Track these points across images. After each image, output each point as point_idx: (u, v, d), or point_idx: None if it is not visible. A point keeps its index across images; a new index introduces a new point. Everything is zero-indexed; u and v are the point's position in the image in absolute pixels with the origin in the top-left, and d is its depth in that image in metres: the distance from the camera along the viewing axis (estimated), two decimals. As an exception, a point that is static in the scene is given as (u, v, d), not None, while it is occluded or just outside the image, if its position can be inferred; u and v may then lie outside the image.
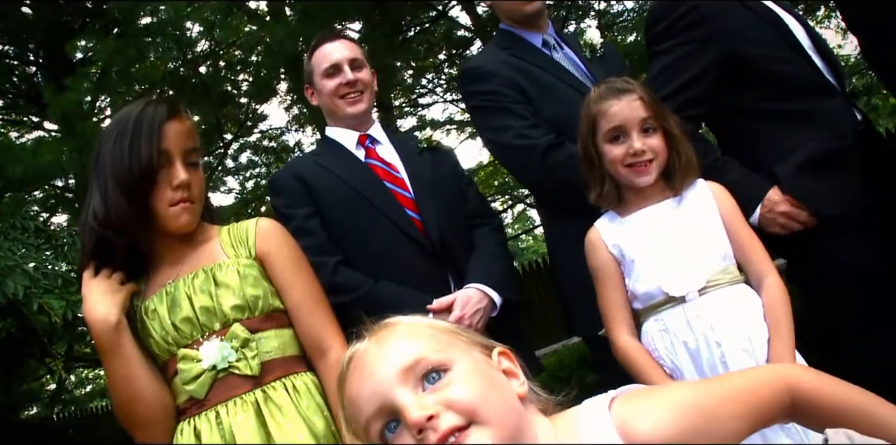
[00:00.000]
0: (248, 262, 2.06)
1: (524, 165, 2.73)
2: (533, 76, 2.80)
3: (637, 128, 2.20)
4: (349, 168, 2.75)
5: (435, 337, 1.21)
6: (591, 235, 2.27)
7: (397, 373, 1.14)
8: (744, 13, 2.55)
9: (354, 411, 1.19)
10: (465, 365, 1.17)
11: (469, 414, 1.10)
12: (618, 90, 2.24)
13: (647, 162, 2.19)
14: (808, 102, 2.48)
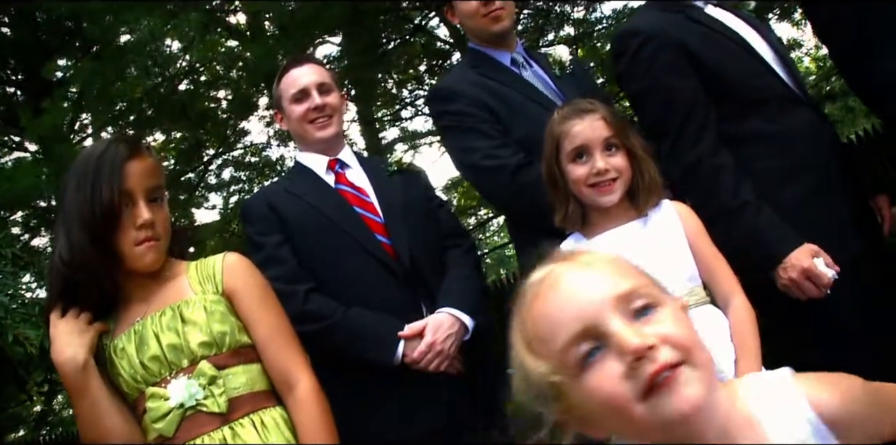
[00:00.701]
0: (215, 298, 2.06)
1: (494, 186, 2.74)
2: (501, 95, 2.81)
3: (600, 148, 2.21)
4: (319, 194, 2.75)
5: (640, 274, 1.18)
6: None
7: (611, 299, 1.10)
8: (699, 30, 2.56)
9: (547, 330, 1.13)
10: (673, 306, 1.15)
11: (684, 353, 1.07)
12: (581, 110, 2.25)
13: (610, 181, 2.20)
14: (778, 116, 2.49)
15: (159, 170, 2.11)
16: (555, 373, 1.12)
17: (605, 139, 2.21)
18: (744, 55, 2.55)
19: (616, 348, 1.07)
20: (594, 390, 1.08)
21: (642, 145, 2.27)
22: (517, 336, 1.19)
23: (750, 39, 2.61)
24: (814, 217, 2.38)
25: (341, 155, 2.89)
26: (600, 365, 1.08)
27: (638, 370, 1.05)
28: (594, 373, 1.09)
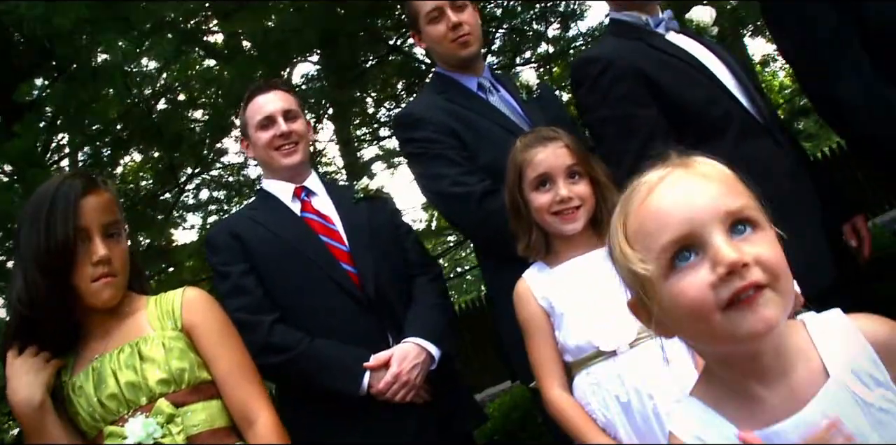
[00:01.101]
0: (175, 334, 2.04)
1: (460, 213, 2.73)
2: (468, 121, 2.80)
3: (563, 176, 2.21)
4: (284, 222, 2.73)
5: (747, 193, 1.22)
6: (520, 287, 2.26)
7: (721, 212, 1.14)
8: (658, 57, 2.57)
9: (652, 228, 1.17)
10: (771, 232, 1.20)
11: (772, 277, 1.12)
12: (543, 138, 2.26)
13: (573, 209, 2.20)
14: (739, 144, 2.49)
15: (115, 204, 2.08)
16: (648, 267, 1.17)
17: (568, 167, 2.22)
18: (704, 82, 2.56)
19: (713, 258, 1.12)
20: (681, 292, 1.14)
21: (605, 172, 2.27)
22: (619, 224, 1.24)
23: (711, 66, 2.63)
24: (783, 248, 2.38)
25: (307, 182, 2.87)
26: (693, 271, 1.14)
27: (727, 282, 1.10)
28: (685, 276, 1.14)
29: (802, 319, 1.28)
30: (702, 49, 2.71)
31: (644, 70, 2.51)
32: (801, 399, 1.16)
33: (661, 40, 2.65)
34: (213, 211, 14.83)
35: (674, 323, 1.19)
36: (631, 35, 2.67)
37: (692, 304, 1.13)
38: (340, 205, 2.82)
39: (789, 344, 1.21)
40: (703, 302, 1.12)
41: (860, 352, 1.20)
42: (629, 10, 2.73)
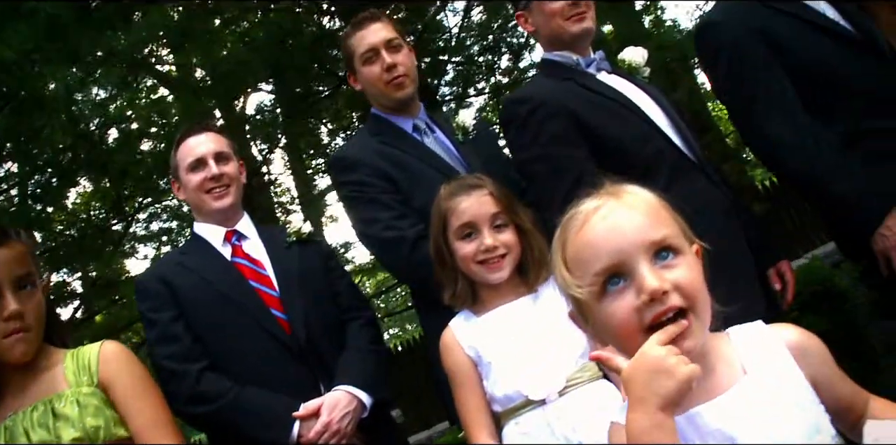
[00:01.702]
0: (90, 391, 1.98)
1: (393, 258, 2.70)
2: (402, 164, 2.78)
3: (488, 224, 2.19)
4: (214, 268, 2.69)
5: (671, 221, 1.38)
6: (446, 336, 2.23)
7: (646, 242, 1.30)
8: (589, 97, 2.58)
9: (586, 256, 1.33)
10: (690, 254, 1.35)
11: (690, 301, 1.28)
12: (467, 186, 2.24)
13: (499, 257, 2.18)
14: (671, 184, 2.48)
15: (28, 256, 2.02)
16: (583, 291, 1.32)
17: (493, 215, 2.20)
18: (635, 121, 2.58)
19: (638, 286, 1.28)
20: (611, 314, 1.31)
21: (531, 219, 2.26)
22: (558, 251, 1.40)
23: (643, 105, 2.64)
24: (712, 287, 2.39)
25: (239, 225, 2.83)
26: (621, 295, 1.30)
27: (650, 307, 1.27)
28: (615, 300, 1.30)
29: (728, 330, 1.44)
30: (633, 89, 2.73)
31: (574, 110, 2.52)
32: (719, 391, 1.32)
33: (591, 80, 2.67)
34: (165, 241, 14.66)
35: (610, 339, 1.36)
36: (561, 75, 2.68)
37: (620, 325, 1.30)
38: (272, 249, 2.79)
39: (713, 352, 1.36)
40: (629, 324, 1.29)
41: (777, 355, 1.37)
42: (560, 50, 2.75)
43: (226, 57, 7.44)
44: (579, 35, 2.70)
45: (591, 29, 2.73)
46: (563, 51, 2.74)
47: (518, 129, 2.57)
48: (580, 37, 2.71)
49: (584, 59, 2.72)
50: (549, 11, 2.70)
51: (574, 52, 2.72)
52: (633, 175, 2.41)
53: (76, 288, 11.83)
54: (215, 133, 2.90)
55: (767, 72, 2.59)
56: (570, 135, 2.50)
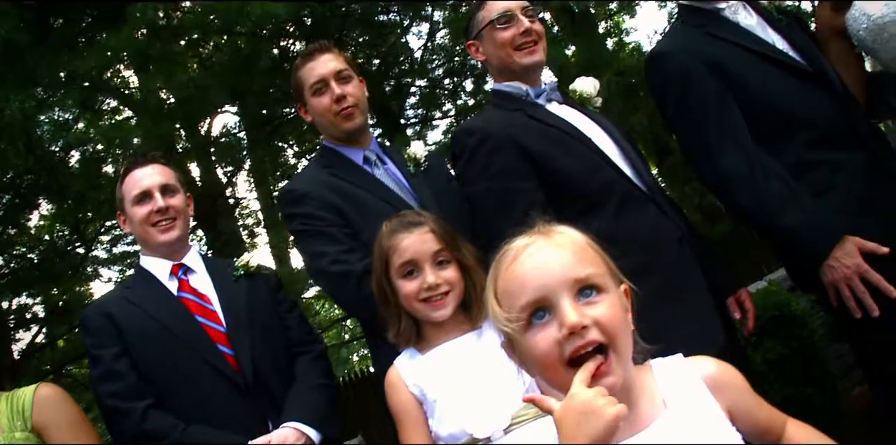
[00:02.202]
0: (24, 435, 1.95)
1: (340, 292, 2.67)
2: (351, 196, 2.75)
3: (430, 262, 2.18)
4: (159, 303, 2.65)
5: (597, 260, 1.47)
6: (391, 375, 2.20)
7: (570, 281, 1.38)
8: (538, 128, 2.57)
9: (514, 290, 1.41)
10: (615, 293, 1.43)
11: (609, 337, 1.36)
12: (408, 224, 2.23)
13: (442, 294, 2.17)
14: (621, 215, 2.50)
15: None
16: (509, 323, 1.41)
17: (435, 252, 2.19)
18: (584, 152, 2.57)
19: (560, 320, 1.36)
20: (535, 345, 1.39)
21: (473, 255, 2.25)
22: (491, 283, 1.49)
23: (593, 136, 2.64)
24: (667, 317, 2.35)
25: (186, 259, 2.80)
26: (545, 328, 1.38)
27: (570, 341, 1.35)
28: (539, 333, 1.39)
29: (650, 363, 1.52)
30: (584, 119, 2.73)
31: (522, 141, 2.52)
32: (642, 426, 1.40)
33: (541, 111, 2.66)
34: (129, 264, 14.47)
35: (532, 370, 1.45)
36: (511, 106, 2.68)
37: (542, 356, 1.38)
38: (219, 282, 2.75)
39: (636, 386, 1.45)
40: (551, 356, 1.37)
41: (694, 388, 1.47)
42: (510, 80, 2.74)
43: (186, 81, 7.38)
44: (529, 66, 2.71)
45: (542, 61, 2.73)
46: (514, 81, 2.74)
47: (467, 162, 2.56)
48: (530, 68, 2.72)
49: (534, 89, 2.72)
50: (500, 41, 2.71)
51: (524, 83, 2.73)
52: (582, 206, 2.50)
53: (38, 312, 11.62)
54: (161, 165, 2.86)
55: (717, 103, 2.61)
56: (518, 167, 2.50)
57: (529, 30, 2.68)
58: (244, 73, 6.46)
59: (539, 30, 2.73)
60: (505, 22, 2.68)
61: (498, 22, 2.69)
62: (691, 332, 2.35)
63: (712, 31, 2.70)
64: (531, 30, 2.68)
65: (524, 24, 2.67)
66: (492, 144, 2.51)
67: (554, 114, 2.68)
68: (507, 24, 2.68)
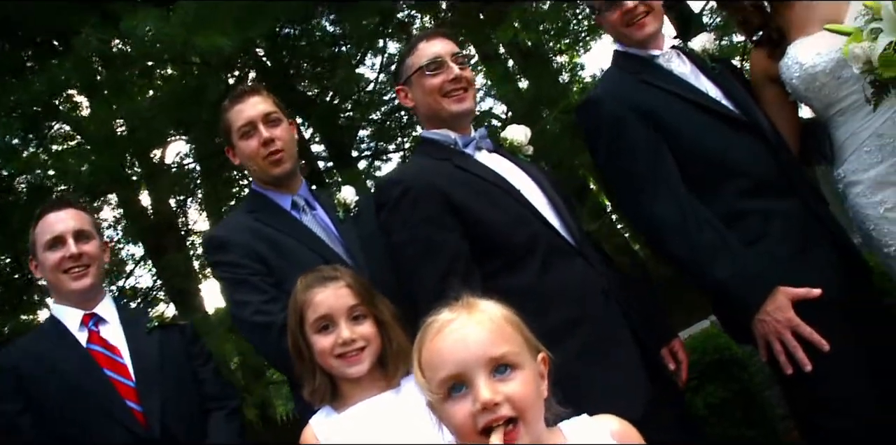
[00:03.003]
0: None
1: (262, 344, 2.59)
2: (277, 244, 2.69)
3: (345, 317, 2.14)
4: (66, 356, 2.56)
5: (514, 336, 1.60)
6: (306, 435, 2.13)
7: (485, 358, 1.53)
8: (463, 178, 2.52)
9: (435, 363, 1.56)
10: (529, 370, 1.57)
11: (520, 411, 1.51)
12: (324, 278, 2.18)
13: (357, 350, 2.12)
14: (547, 270, 2.45)
15: None
16: (431, 393, 1.56)
17: (350, 307, 2.15)
18: (511, 204, 2.52)
19: (474, 395, 1.51)
20: (453, 415, 1.54)
21: (391, 311, 2.21)
22: (416, 352, 1.63)
23: (521, 186, 2.59)
24: (593, 370, 2.34)
25: (98, 308, 2.70)
26: (462, 400, 1.53)
27: (483, 414, 1.50)
28: (456, 404, 1.54)
29: (560, 425, 1.66)
30: (514, 169, 2.68)
31: (447, 192, 2.45)
32: None
33: (468, 161, 2.60)
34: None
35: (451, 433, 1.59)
36: (438, 155, 2.62)
37: (459, 425, 1.54)
38: (131, 334, 2.67)
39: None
40: (466, 426, 1.52)
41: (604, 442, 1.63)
42: (439, 128, 2.68)
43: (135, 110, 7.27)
44: (458, 114, 2.64)
45: (471, 108, 2.67)
46: (442, 129, 2.67)
47: (390, 212, 2.50)
48: (459, 116, 2.65)
49: (462, 138, 2.65)
50: (429, 88, 2.64)
51: (453, 131, 2.66)
52: (507, 259, 2.46)
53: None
54: (77, 209, 2.77)
55: (649, 151, 2.60)
56: (442, 218, 2.43)
57: (459, 77, 2.62)
58: (193, 103, 6.36)
59: (469, 76, 2.67)
60: (434, 68, 2.62)
61: (427, 68, 2.62)
62: (616, 385, 2.33)
63: (646, 78, 2.70)
64: (461, 77, 2.62)
65: (453, 70, 2.61)
66: (415, 195, 2.45)
67: (482, 163, 2.61)
68: (436, 71, 2.61)
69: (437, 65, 2.62)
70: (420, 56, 2.66)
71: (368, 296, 2.18)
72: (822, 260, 2.55)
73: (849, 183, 2.66)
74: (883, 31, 2.23)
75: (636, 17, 2.69)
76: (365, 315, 2.16)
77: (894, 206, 2.54)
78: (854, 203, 2.65)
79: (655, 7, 2.72)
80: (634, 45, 2.76)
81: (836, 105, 2.64)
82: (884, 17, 2.22)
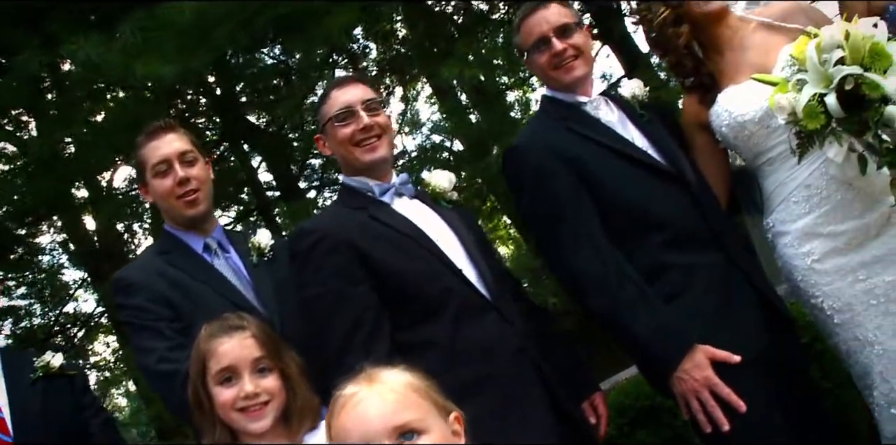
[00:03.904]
0: None
1: (165, 392, 2.50)
2: (185, 288, 2.62)
3: (249, 369, 2.07)
4: None
5: (418, 402, 1.64)
6: None
7: (388, 429, 1.57)
8: (377, 230, 2.47)
9: (342, 438, 1.62)
10: (438, 432, 1.62)
11: None
12: (229, 327, 2.12)
13: (261, 404, 2.06)
14: (459, 324, 2.41)
15: None
16: None
17: (255, 359, 2.08)
18: (425, 257, 2.47)
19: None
20: None
21: (298, 364, 2.16)
22: (327, 426, 1.68)
23: (438, 237, 2.54)
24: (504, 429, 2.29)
25: None
26: None
27: None
28: None
29: None
30: (432, 217, 2.63)
31: (358, 244, 2.42)
32: None
33: (385, 210, 2.55)
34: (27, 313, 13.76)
35: None
36: (354, 203, 2.57)
37: None
38: (13, 385, 2.55)
39: None
40: None
41: None
42: (357, 175, 2.62)
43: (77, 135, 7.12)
44: (369, 164, 2.59)
45: (384, 157, 2.61)
46: (361, 176, 2.62)
47: (302, 263, 2.45)
48: (372, 165, 2.59)
49: (380, 185, 2.60)
50: (339, 139, 2.59)
51: (371, 178, 2.61)
52: (419, 312, 2.40)
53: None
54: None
55: (571, 200, 2.56)
56: (352, 271, 2.40)
57: (370, 126, 2.55)
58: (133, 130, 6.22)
59: (383, 123, 2.60)
60: (343, 118, 2.57)
61: (336, 119, 2.58)
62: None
63: (572, 125, 2.67)
64: (372, 125, 2.56)
65: (363, 120, 2.55)
66: (326, 247, 2.41)
67: (398, 213, 2.55)
68: (345, 121, 2.57)
69: (346, 114, 2.58)
70: (332, 105, 2.61)
71: (275, 348, 2.12)
72: (744, 314, 2.52)
73: (777, 233, 2.64)
74: (808, 83, 2.23)
75: (564, 61, 2.66)
76: (270, 368, 2.10)
77: (821, 258, 2.51)
78: (782, 253, 2.63)
79: (585, 51, 2.69)
80: (562, 89, 2.73)
81: (764, 154, 2.62)
82: (809, 68, 2.23)
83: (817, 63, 2.19)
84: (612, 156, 2.61)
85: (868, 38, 2.16)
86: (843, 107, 2.16)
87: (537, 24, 2.66)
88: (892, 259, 2.44)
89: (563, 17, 2.67)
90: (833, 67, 2.17)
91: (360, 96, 2.59)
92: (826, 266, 2.50)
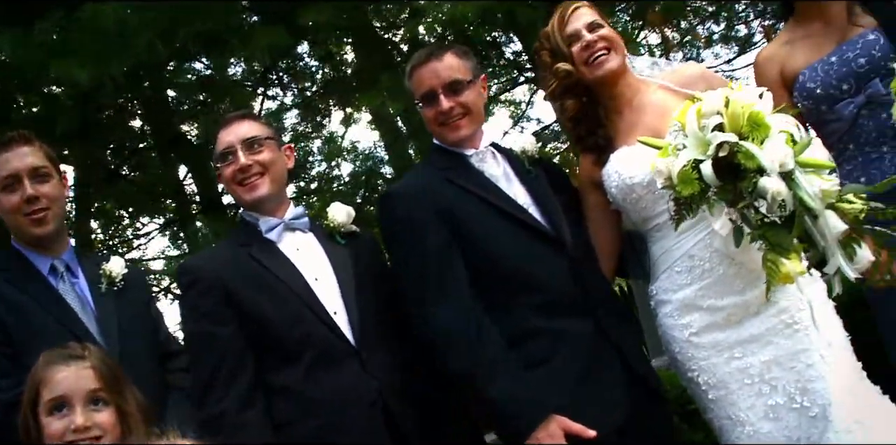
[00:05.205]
0: None
1: None
2: (23, 312, 2.47)
3: (83, 401, 1.99)
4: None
5: None
6: None
7: None
8: (251, 271, 2.45)
9: None
10: None
11: None
12: (68, 356, 2.05)
13: (92, 439, 1.97)
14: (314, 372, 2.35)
15: None
16: None
17: (91, 391, 2.00)
18: (292, 301, 2.42)
19: None
20: None
21: (138, 402, 2.08)
22: None
23: (318, 278, 2.49)
24: None
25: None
26: None
27: None
28: None
29: None
30: (318, 257, 2.56)
31: (230, 286, 2.43)
32: None
33: (266, 249, 2.52)
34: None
35: None
36: (242, 239, 2.60)
37: None
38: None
39: None
40: None
41: None
42: (251, 210, 2.61)
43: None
44: (251, 203, 2.57)
45: (266, 194, 2.55)
46: (253, 211, 2.60)
47: (180, 302, 2.54)
48: (255, 204, 2.57)
49: (266, 222, 2.56)
50: (224, 178, 2.62)
51: (263, 214, 2.57)
52: (279, 356, 2.34)
53: None
54: None
55: (439, 255, 2.47)
56: (220, 312, 2.41)
57: (247, 166, 2.51)
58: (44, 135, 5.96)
59: (264, 160, 2.54)
60: (223, 160, 2.56)
61: (218, 160, 2.58)
62: None
63: (451, 175, 2.57)
64: (251, 165, 2.51)
65: (239, 160, 2.51)
66: (200, 287, 2.46)
67: (280, 254, 2.52)
68: (226, 163, 2.55)
69: (224, 156, 2.56)
70: (217, 145, 2.60)
71: (114, 382, 2.02)
72: (609, 384, 2.43)
73: (659, 301, 2.58)
74: (686, 148, 2.15)
75: (451, 119, 2.57)
76: (106, 401, 2.01)
77: (699, 331, 2.45)
78: (662, 322, 2.57)
79: (473, 109, 2.59)
80: (448, 144, 2.64)
81: (653, 219, 2.55)
82: (689, 133, 2.16)
83: (696, 128, 2.12)
84: (489, 211, 2.51)
85: (748, 106, 2.10)
86: (720, 176, 2.08)
87: (427, 78, 2.57)
88: (769, 339, 2.38)
89: (455, 71, 2.57)
90: (710, 133, 2.09)
91: (240, 135, 2.55)
92: (704, 340, 2.44)
